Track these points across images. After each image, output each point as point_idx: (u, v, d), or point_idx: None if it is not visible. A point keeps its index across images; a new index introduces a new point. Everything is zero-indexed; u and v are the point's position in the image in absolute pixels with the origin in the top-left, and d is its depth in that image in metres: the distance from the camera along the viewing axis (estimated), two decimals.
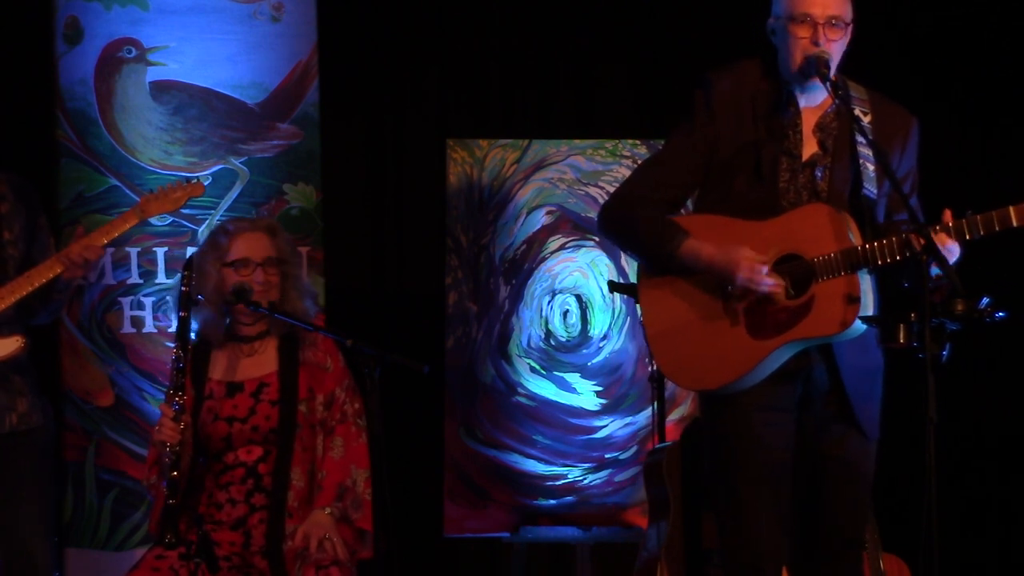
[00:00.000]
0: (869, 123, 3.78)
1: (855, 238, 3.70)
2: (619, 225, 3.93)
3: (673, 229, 3.82)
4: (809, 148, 3.83)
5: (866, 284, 3.69)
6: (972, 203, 3.69)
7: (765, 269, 3.70)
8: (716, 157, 3.84)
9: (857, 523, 3.88)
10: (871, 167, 3.77)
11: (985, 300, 3.53)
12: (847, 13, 3.78)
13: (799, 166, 3.81)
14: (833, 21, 3.74)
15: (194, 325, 4.35)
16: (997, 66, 6.11)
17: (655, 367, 5.40)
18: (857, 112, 3.77)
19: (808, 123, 3.84)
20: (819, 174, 3.81)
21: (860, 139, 3.75)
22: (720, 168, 3.84)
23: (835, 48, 3.75)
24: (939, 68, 6.15)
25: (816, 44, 3.73)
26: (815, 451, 3.82)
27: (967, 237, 3.61)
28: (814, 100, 3.83)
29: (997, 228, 3.58)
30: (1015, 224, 3.57)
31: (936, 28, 6.18)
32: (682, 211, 3.96)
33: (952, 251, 3.60)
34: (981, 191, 3.80)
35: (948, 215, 3.64)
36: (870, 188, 3.76)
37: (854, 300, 3.66)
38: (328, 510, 4.20)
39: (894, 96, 3.92)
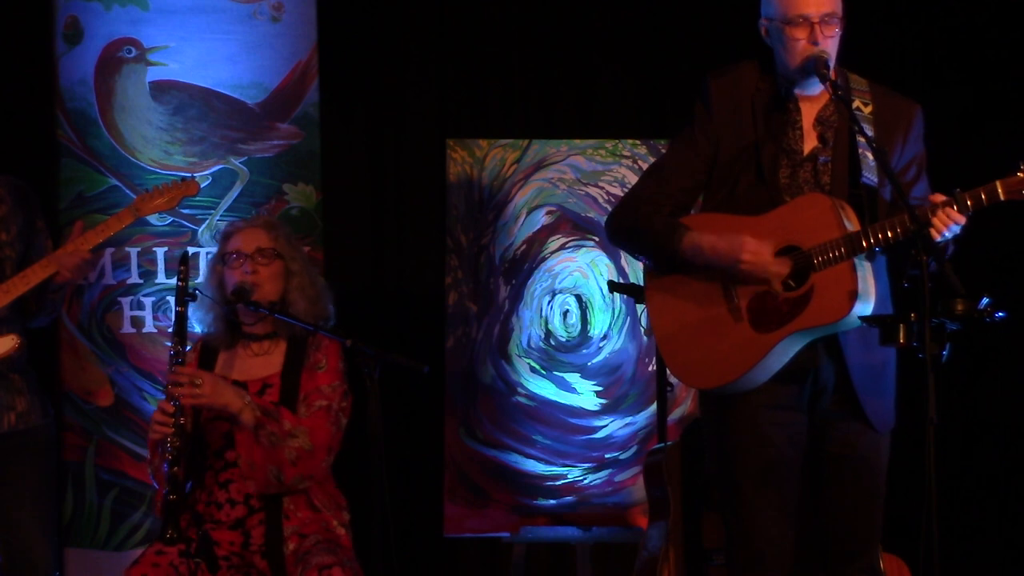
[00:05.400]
0: (870, 114, 3.80)
1: (852, 225, 3.71)
2: (625, 230, 3.96)
3: (673, 225, 3.84)
4: (809, 143, 3.85)
5: (864, 271, 3.69)
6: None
7: (768, 251, 3.72)
8: (718, 159, 3.87)
9: (873, 518, 3.88)
10: (871, 156, 3.77)
11: (985, 300, 3.53)
12: (839, 7, 3.79)
13: (799, 161, 3.83)
14: (827, 18, 3.75)
15: (200, 325, 4.37)
16: (992, 57, 6.11)
17: (666, 369, 5.41)
18: (857, 104, 3.78)
19: (808, 117, 3.86)
20: (820, 168, 3.82)
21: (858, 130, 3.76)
22: (723, 169, 3.87)
23: (832, 44, 3.77)
24: (935, 59, 6.15)
25: (815, 44, 3.74)
26: (826, 450, 3.83)
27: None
28: (812, 94, 3.84)
29: (985, 202, 3.59)
30: (1003, 198, 3.57)
31: (932, 19, 6.19)
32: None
33: (952, 229, 3.60)
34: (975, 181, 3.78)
35: (938, 198, 3.64)
36: (869, 176, 3.77)
37: (849, 287, 3.67)
38: (247, 399, 4.15)
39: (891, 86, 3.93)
